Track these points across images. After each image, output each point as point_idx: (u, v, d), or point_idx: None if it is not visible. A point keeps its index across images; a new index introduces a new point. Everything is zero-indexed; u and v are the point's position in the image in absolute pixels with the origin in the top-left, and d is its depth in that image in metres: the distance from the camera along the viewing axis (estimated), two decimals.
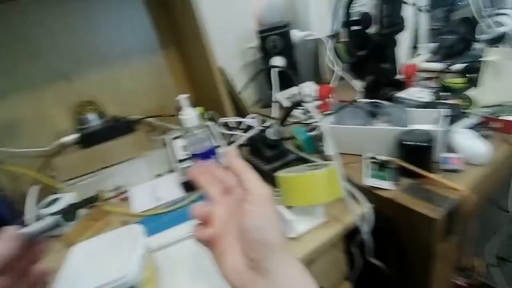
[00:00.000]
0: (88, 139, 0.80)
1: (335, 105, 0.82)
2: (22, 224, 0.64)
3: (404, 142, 0.60)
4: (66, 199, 0.71)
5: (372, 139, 0.69)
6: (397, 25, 0.94)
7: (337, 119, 0.80)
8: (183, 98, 0.61)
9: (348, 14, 1.01)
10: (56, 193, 0.74)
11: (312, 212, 0.57)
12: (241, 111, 0.93)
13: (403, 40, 1.07)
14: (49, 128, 0.86)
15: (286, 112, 0.63)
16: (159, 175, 0.84)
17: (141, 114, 0.95)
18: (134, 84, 0.96)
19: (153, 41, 0.96)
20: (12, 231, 0.25)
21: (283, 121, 0.65)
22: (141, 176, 0.82)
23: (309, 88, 1.09)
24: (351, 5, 0.99)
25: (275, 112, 1.05)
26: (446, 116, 0.66)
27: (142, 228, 0.65)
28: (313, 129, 0.82)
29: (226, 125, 0.87)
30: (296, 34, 1.11)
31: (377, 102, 0.81)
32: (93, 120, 0.83)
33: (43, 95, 0.84)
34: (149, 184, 0.81)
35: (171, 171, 0.83)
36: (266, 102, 1.15)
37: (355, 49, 1.02)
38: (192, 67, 0.99)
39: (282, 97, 1.08)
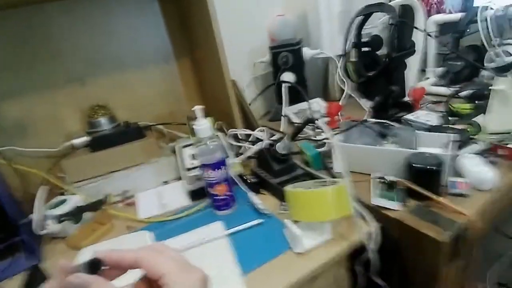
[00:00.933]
0: (98, 143, 0.80)
1: (345, 123, 0.84)
2: (29, 223, 0.65)
3: (413, 165, 0.61)
4: (73, 201, 0.71)
5: (380, 159, 0.70)
6: (407, 49, 0.96)
7: (345, 137, 0.81)
8: (198, 109, 0.62)
9: (359, 36, 1.04)
10: (63, 195, 0.74)
11: (319, 228, 0.57)
12: (250, 124, 0.94)
13: (412, 63, 1.09)
14: (60, 129, 0.87)
15: (299, 128, 0.64)
16: (166, 182, 0.85)
17: (151, 121, 0.96)
18: (146, 91, 0.97)
19: (168, 50, 0.98)
20: (62, 266, 0.26)
21: (294, 136, 0.65)
22: (148, 182, 0.83)
23: (317, 105, 1.11)
24: (363, 27, 1.02)
25: (283, 126, 1.07)
26: (455, 141, 0.67)
27: (151, 235, 0.65)
28: (322, 145, 0.83)
29: (235, 136, 0.88)
30: (307, 52, 1.13)
31: (386, 123, 0.82)
32: (104, 124, 0.84)
33: (57, 96, 0.86)
34: (155, 191, 0.81)
35: (179, 178, 0.84)
36: (274, 115, 1.17)
37: (365, 69, 1.04)
38: (204, 77, 1.01)
39: (291, 111, 1.10)
